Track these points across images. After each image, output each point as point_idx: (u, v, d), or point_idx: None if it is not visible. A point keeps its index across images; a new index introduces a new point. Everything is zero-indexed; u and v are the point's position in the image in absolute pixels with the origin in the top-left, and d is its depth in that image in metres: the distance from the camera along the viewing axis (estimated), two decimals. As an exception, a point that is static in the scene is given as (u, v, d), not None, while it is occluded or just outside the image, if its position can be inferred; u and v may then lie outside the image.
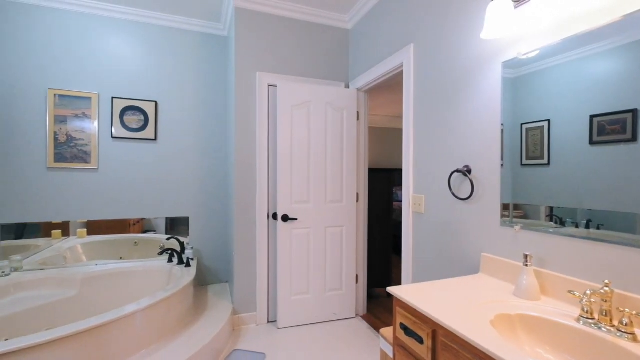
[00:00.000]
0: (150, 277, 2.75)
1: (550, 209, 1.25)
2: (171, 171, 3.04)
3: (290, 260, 2.65)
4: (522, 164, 1.35)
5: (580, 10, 1.14)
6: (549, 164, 1.25)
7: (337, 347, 2.35)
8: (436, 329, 1.09)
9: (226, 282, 3.24)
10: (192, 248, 3.06)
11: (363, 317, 2.86)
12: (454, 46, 1.75)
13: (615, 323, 0.97)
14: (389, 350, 1.61)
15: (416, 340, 1.15)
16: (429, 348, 1.10)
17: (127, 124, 2.86)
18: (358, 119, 2.88)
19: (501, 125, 1.45)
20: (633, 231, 1.01)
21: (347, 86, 2.97)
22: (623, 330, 0.91)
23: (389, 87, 4.41)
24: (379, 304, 3.19)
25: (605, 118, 1.06)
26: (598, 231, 1.09)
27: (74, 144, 2.71)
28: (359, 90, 2.85)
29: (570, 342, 0.99)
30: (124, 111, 2.85)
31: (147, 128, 2.92)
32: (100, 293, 2.59)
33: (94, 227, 2.81)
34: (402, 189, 2.18)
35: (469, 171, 1.63)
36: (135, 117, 2.89)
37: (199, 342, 2.05)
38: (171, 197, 3.04)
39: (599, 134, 1.08)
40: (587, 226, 1.12)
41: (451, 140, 1.76)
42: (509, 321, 1.08)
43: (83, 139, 2.74)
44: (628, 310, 0.92)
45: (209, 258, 3.19)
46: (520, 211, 1.37)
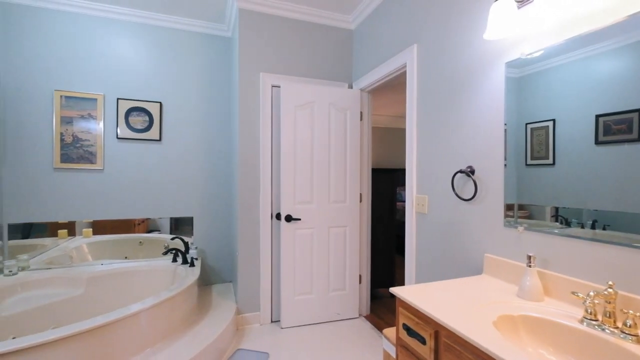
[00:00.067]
0: (155, 277, 2.78)
1: (556, 209, 1.24)
2: (175, 171, 3.06)
3: (294, 261, 2.66)
4: (527, 164, 1.34)
5: (583, 10, 1.14)
6: (554, 164, 1.24)
7: (340, 347, 2.36)
8: (439, 330, 1.09)
9: (230, 282, 3.25)
10: (196, 248, 3.08)
11: (366, 318, 2.86)
12: (457, 46, 1.75)
13: (619, 324, 0.97)
14: (392, 351, 1.61)
15: (419, 340, 1.15)
16: (432, 349, 1.10)
17: (132, 125, 2.89)
18: (361, 119, 2.88)
19: (504, 125, 1.45)
20: (639, 232, 1.00)
21: (351, 86, 2.97)
22: (627, 332, 0.90)
23: (392, 87, 4.40)
24: (383, 304, 3.19)
25: (611, 118, 1.06)
26: (604, 232, 1.08)
27: (79, 145, 2.74)
28: (362, 90, 2.85)
29: (573, 344, 0.99)
30: (129, 112, 2.87)
31: (152, 129, 2.95)
32: (105, 292, 2.62)
33: (100, 227, 2.84)
34: (406, 189, 2.18)
35: (472, 172, 1.62)
36: (140, 118, 2.91)
37: (203, 341, 2.06)
38: (175, 197, 3.06)
39: (605, 134, 1.07)
40: (593, 227, 1.12)
41: (454, 141, 1.76)
42: (511, 322, 1.08)
43: (89, 140, 2.77)
44: (632, 311, 0.91)
45: (213, 258, 3.21)
46: (525, 211, 1.36)
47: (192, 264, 2.76)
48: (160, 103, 2.97)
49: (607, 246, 1.08)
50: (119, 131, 2.85)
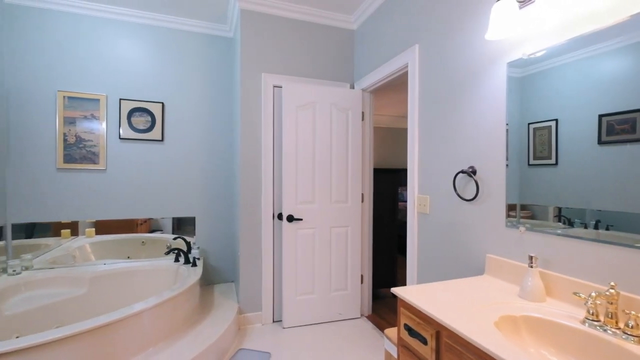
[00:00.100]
0: (157, 277, 2.79)
1: (559, 209, 1.23)
2: (178, 171, 3.07)
3: (296, 260, 2.66)
4: (530, 164, 1.34)
5: (585, 10, 1.13)
6: (556, 164, 1.23)
7: (342, 347, 2.36)
8: (440, 330, 1.09)
9: (232, 282, 3.26)
10: (199, 248, 3.09)
11: (368, 318, 2.86)
12: (458, 47, 1.74)
13: (621, 325, 0.96)
14: (394, 351, 1.61)
15: (420, 341, 1.16)
16: (433, 349, 1.10)
17: (135, 125, 2.90)
18: (363, 119, 2.88)
19: (506, 125, 1.45)
20: (642, 232, 1.00)
21: (352, 87, 2.97)
22: (629, 333, 0.90)
23: (394, 87, 4.40)
24: (385, 304, 3.19)
25: (614, 117, 1.05)
26: (607, 232, 1.08)
27: (82, 145, 2.76)
28: (364, 90, 2.85)
29: (575, 344, 0.98)
30: (131, 112, 2.89)
31: (154, 129, 2.96)
32: (108, 292, 2.63)
33: (102, 227, 2.85)
34: (407, 190, 2.17)
35: (474, 172, 1.62)
36: (143, 118, 2.92)
37: (205, 341, 2.07)
38: (178, 197, 3.08)
39: (608, 134, 1.07)
40: (596, 227, 1.11)
41: (456, 141, 1.76)
42: (513, 323, 1.08)
43: (91, 140, 2.78)
44: (634, 312, 0.91)
45: (215, 258, 3.22)
46: (528, 211, 1.35)
47: (194, 264, 2.77)
48: (162, 103, 2.98)
49: (609, 247, 1.08)
50: (121, 131, 2.86)
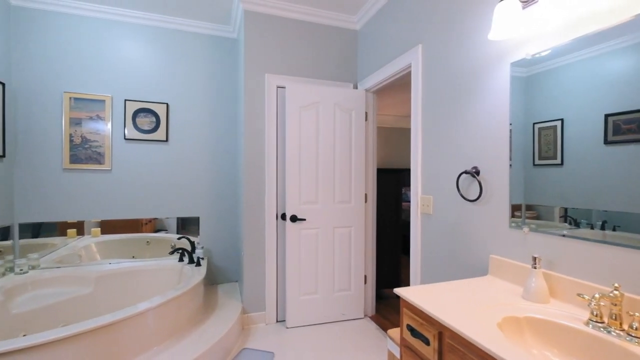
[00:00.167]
0: (162, 276, 2.81)
1: (565, 209, 1.22)
2: (182, 172, 3.09)
3: (299, 261, 2.67)
4: (535, 164, 1.33)
5: (588, 10, 1.13)
6: (562, 164, 1.22)
7: (345, 348, 2.36)
8: (442, 331, 1.09)
9: (236, 282, 3.27)
10: (203, 247, 3.11)
11: (372, 318, 2.86)
12: (462, 47, 1.74)
13: (625, 327, 0.96)
14: (396, 351, 1.61)
15: (422, 341, 1.16)
16: (435, 349, 1.10)
17: (140, 126, 2.92)
18: (366, 120, 2.88)
19: (510, 125, 1.44)
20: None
21: (356, 87, 2.97)
22: (633, 335, 0.90)
23: (397, 87, 4.39)
24: (388, 304, 3.18)
25: (621, 117, 1.04)
26: (614, 232, 1.07)
27: (88, 146, 2.79)
28: (367, 90, 2.85)
29: (578, 346, 0.98)
30: (136, 113, 2.91)
31: (159, 129, 2.98)
32: (113, 291, 2.65)
33: (108, 227, 2.88)
34: (410, 190, 2.17)
35: (477, 172, 1.62)
36: (147, 119, 2.95)
37: (209, 340, 2.08)
38: (182, 197, 3.10)
39: (614, 134, 1.06)
40: (603, 227, 1.10)
41: (459, 141, 1.76)
42: (516, 324, 1.08)
43: (97, 141, 2.81)
44: (638, 314, 0.90)
45: (219, 257, 3.23)
46: (533, 212, 1.34)
47: (199, 264, 2.79)
48: (166, 104, 3.00)
49: (613, 248, 1.07)
50: (126, 132, 2.89)
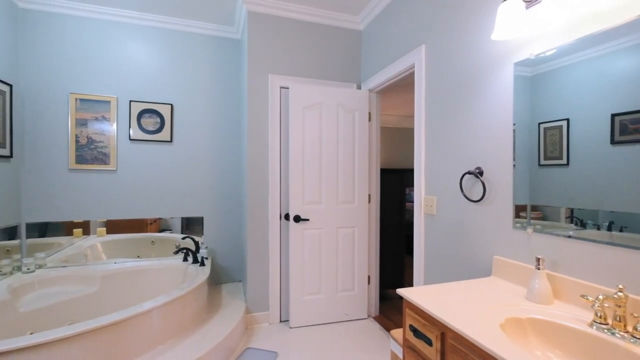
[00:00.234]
0: (166, 275, 2.83)
1: (571, 210, 1.21)
2: (186, 172, 3.11)
3: (303, 261, 2.67)
4: (540, 164, 1.32)
5: (592, 10, 1.12)
6: (568, 164, 1.21)
7: (349, 348, 2.36)
8: (445, 332, 1.09)
9: (239, 282, 3.29)
10: (207, 247, 3.12)
11: (375, 318, 2.86)
12: (465, 47, 1.74)
13: (630, 329, 0.95)
14: (399, 352, 1.61)
15: (425, 342, 1.16)
16: (438, 350, 1.10)
17: (144, 127, 2.95)
18: (370, 120, 2.88)
19: (513, 125, 1.43)
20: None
21: (359, 87, 2.97)
22: (637, 337, 0.89)
23: (401, 87, 4.38)
24: (392, 305, 3.18)
25: (628, 117, 1.03)
26: (621, 233, 1.06)
27: (94, 146, 2.81)
28: (370, 91, 2.84)
29: (582, 347, 0.97)
30: (141, 114, 2.94)
31: (163, 130, 3.00)
32: (118, 290, 2.68)
33: (113, 226, 2.91)
34: (414, 190, 2.17)
35: (481, 173, 1.61)
36: (152, 120, 2.97)
37: (213, 340, 2.09)
38: (186, 198, 3.12)
39: (621, 133, 1.05)
40: (610, 228, 1.09)
41: (463, 141, 1.75)
42: (519, 325, 1.07)
43: (102, 141, 2.84)
44: (643, 316, 0.90)
45: (223, 257, 3.25)
46: (539, 212, 1.33)
47: (203, 264, 2.80)
48: (171, 105, 3.02)
49: (618, 249, 1.06)
50: (131, 132, 2.91)
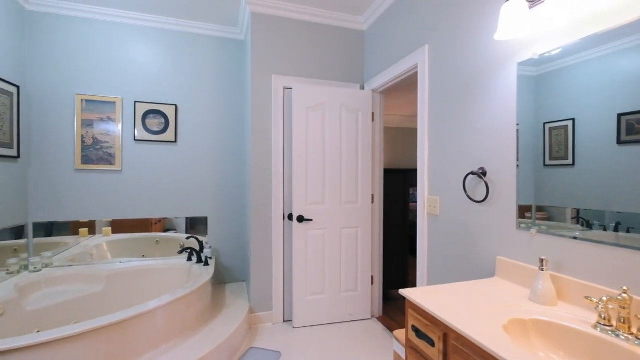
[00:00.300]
0: (171, 275, 2.85)
1: (577, 211, 1.20)
2: (191, 172, 3.13)
3: (306, 261, 2.68)
4: (545, 165, 1.31)
5: (597, 10, 1.11)
6: (573, 164, 1.20)
7: (352, 348, 2.36)
8: (447, 332, 1.09)
9: (243, 281, 3.30)
10: (211, 247, 3.14)
11: (378, 319, 2.86)
12: (468, 47, 1.73)
13: (634, 331, 0.94)
14: (402, 352, 1.61)
15: (428, 342, 1.16)
16: (440, 351, 1.10)
17: (149, 127, 2.97)
18: (373, 120, 2.88)
19: (517, 125, 1.43)
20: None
21: (362, 87, 2.97)
22: (642, 339, 0.88)
23: (405, 87, 4.38)
24: (395, 305, 3.18)
25: (634, 116, 1.02)
26: (628, 234, 1.05)
27: (99, 147, 2.84)
28: (374, 91, 2.84)
29: (586, 349, 0.97)
30: (145, 114, 2.96)
31: (168, 131, 3.03)
32: (123, 289, 2.70)
33: (118, 226, 2.93)
34: (417, 191, 2.16)
35: (484, 173, 1.61)
36: (157, 120, 2.99)
37: (217, 339, 2.11)
38: (191, 198, 3.14)
39: (628, 133, 1.04)
40: (616, 229, 1.08)
41: (466, 142, 1.75)
42: (522, 326, 1.07)
43: (108, 142, 2.86)
44: (647, 317, 0.89)
45: (227, 257, 3.27)
46: (544, 213, 1.32)
47: (207, 263, 2.82)
48: (175, 105, 3.04)
49: (623, 250, 1.06)
50: (136, 133, 2.94)
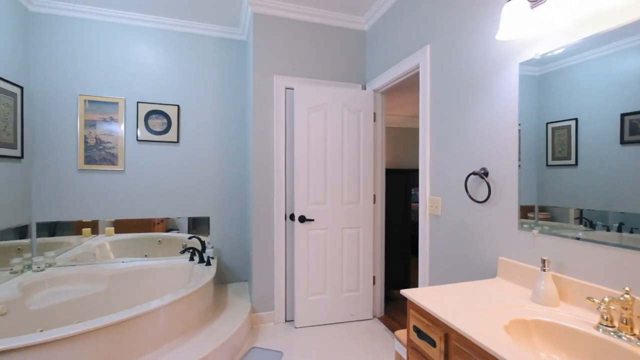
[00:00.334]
0: (173, 275, 2.86)
1: (580, 211, 1.20)
2: (193, 172, 3.14)
3: (307, 261, 2.68)
4: (548, 165, 1.30)
5: (597, 10, 1.11)
6: (576, 164, 1.20)
7: (353, 348, 2.36)
8: (449, 333, 1.09)
9: (245, 281, 3.31)
10: (213, 247, 3.15)
11: (380, 319, 2.86)
12: (470, 47, 1.73)
13: (637, 332, 0.94)
14: (404, 353, 1.61)
15: (429, 343, 1.16)
16: (442, 351, 1.10)
17: (151, 128, 2.98)
18: (375, 120, 2.88)
19: (519, 125, 1.42)
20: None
21: (364, 87, 2.97)
22: (644, 340, 0.88)
23: (406, 87, 4.37)
24: (397, 306, 3.17)
25: (637, 116, 1.02)
26: (631, 235, 1.04)
27: (102, 147, 2.86)
28: (375, 91, 2.84)
29: (588, 350, 0.97)
30: (148, 115, 2.97)
31: (170, 131, 3.04)
32: (126, 289, 2.72)
33: (121, 226, 2.95)
34: (419, 191, 2.16)
35: (486, 173, 1.60)
36: (159, 121, 3.00)
37: (219, 339, 2.11)
38: (193, 198, 3.15)
39: (631, 133, 1.04)
40: (619, 229, 1.07)
41: (468, 142, 1.74)
42: (524, 327, 1.07)
43: (111, 142, 2.88)
44: (649, 318, 0.89)
45: (229, 257, 3.27)
46: (547, 213, 1.32)
47: (209, 263, 2.83)
48: (177, 106, 3.05)
49: (625, 251, 1.05)
50: (139, 133, 2.95)
